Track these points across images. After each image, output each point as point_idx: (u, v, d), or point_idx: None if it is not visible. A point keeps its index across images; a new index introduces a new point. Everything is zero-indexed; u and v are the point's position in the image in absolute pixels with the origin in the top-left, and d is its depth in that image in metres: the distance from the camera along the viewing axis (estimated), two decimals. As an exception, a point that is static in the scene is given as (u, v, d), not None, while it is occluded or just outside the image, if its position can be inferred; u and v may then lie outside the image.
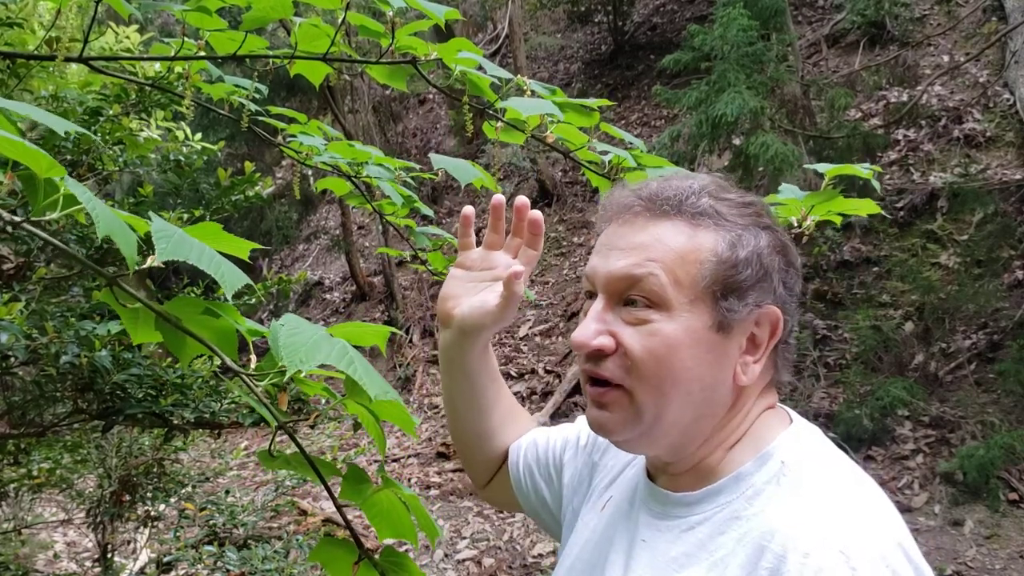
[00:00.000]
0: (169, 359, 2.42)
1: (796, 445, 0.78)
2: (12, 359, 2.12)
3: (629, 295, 0.77)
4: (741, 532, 0.73)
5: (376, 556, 0.76)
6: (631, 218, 0.80)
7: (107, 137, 2.45)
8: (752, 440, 0.80)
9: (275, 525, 4.47)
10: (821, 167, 0.93)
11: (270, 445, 0.70)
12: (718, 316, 0.76)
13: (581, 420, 1.07)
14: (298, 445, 0.70)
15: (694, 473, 0.81)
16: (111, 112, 2.49)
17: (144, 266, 0.59)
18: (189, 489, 3.66)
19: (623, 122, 9.92)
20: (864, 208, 0.90)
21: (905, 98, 7.39)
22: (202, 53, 1.15)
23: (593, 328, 0.78)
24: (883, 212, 0.93)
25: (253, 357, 0.69)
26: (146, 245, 0.60)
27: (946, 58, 7.76)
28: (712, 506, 0.77)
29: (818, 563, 0.65)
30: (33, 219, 0.61)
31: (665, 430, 0.78)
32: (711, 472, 0.80)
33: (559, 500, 1.04)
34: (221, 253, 0.65)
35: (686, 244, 0.77)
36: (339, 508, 0.73)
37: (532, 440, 1.10)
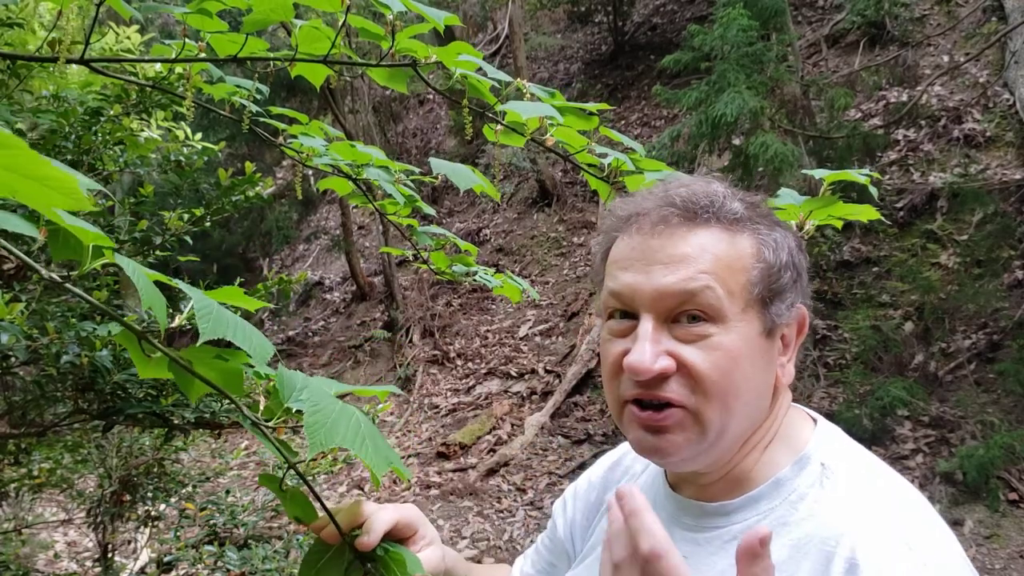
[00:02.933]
0: (169, 359, 2.42)
1: (830, 447, 0.78)
2: (12, 359, 2.12)
3: (684, 310, 0.73)
4: (795, 538, 0.72)
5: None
6: (665, 228, 0.76)
7: (107, 137, 2.45)
8: (783, 441, 0.80)
9: (275, 525, 4.47)
10: (819, 172, 0.93)
11: (280, 482, 0.72)
12: (767, 322, 0.75)
13: (559, 503, 1.07)
14: (309, 486, 0.72)
15: (728, 480, 0.79)
16: (111, 112, 2.49)
17: (172, 325, 0.66)
18: (189, 489, 3.66)
19: (623, 122, 9.92)
20: (864, 213, 0.91)
21: (905, 98, 7.39)
22: (203, 55, 1.16)
23: (652, 351, 0.73)
24: (882, 218, 0.94)
25: (263, 399, 0.71)
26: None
27: (946, 58, 7.76)
28: (753, 513, 0.76)
29: (891, 560, 0.66)
30: (60, 274, 0.65)
31: (726, 444, 0.76)
32: (745, 478, 0.79)
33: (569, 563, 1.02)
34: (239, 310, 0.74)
35: (730, 252, 0.74)
36: (328, 511, 0.74)
37: (525, 558, 1.10)
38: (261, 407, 0.71)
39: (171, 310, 0.71)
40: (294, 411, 0.67)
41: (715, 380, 0.72)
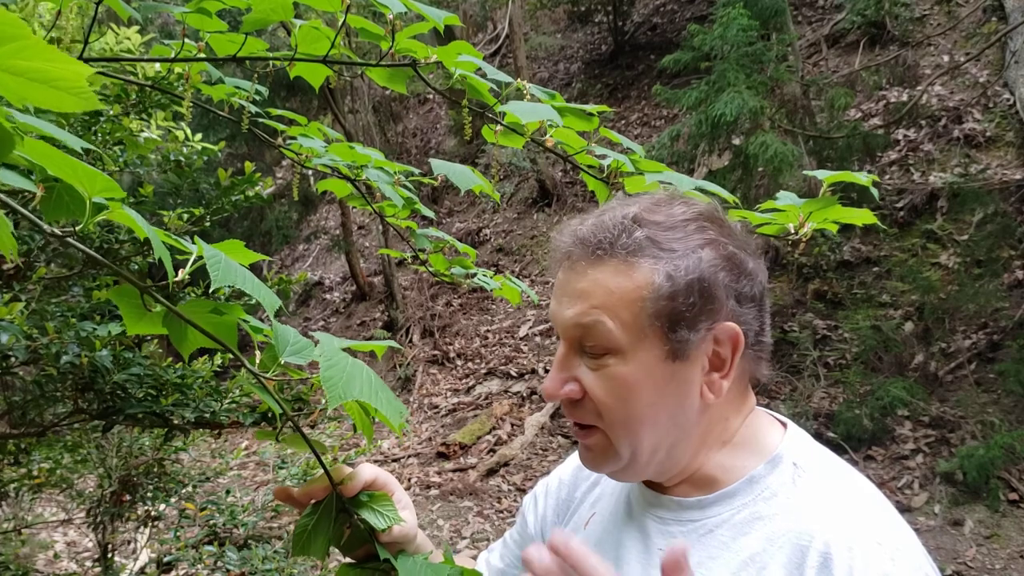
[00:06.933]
0: (170, 359, 2.42)
1: (800, 448, 0.82)
2: (12, 359, 2.12)
3: (584, 343, 0.78)
4: (769, 533, 0.76)
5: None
6: (572, 264, 0.80)
7: (107, 137, 2.45)
8: (750, 443, 0.83)
9: (275, 525, 4.47)
10: (820, 173, 0.93)
11: (277, 434, 0.75)
12: (670, 347, 0.77)
13: (528, 498, 1.10)
14: (300, 432, 0.74)
15: (692, 482, 0.83)
16: (111, 112, 2.49)
17: (177, 278, 0.68)
18: (189, 489, 3.66)
19: (623, 122, 9.92)
20: (861, 218, 0.91)
21: (905, 98, 7.39)
22: (202, 55, 1.15)
23: (558, 378, 0.80)
24: (879, 223, 0.94)
25: (258, 353, 0.73)
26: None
27: (946, 58, 7.76)
28: (727, 509, 0.80)
29: (862, 554, 0.70)
30: (65, 230, 0.65)
31: (645, 461, 0.80)
32: (711, 478, 0.82)
33: None
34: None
35: (625, 285, 0.76)
36: (318, 457, 0.77)
37: (491, 551, 1.11)
38: (257, 361, 0.72)
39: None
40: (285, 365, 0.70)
41: (612, 408, 0.77)
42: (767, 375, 0.86)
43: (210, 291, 2.86)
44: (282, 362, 0.70)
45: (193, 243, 0.66)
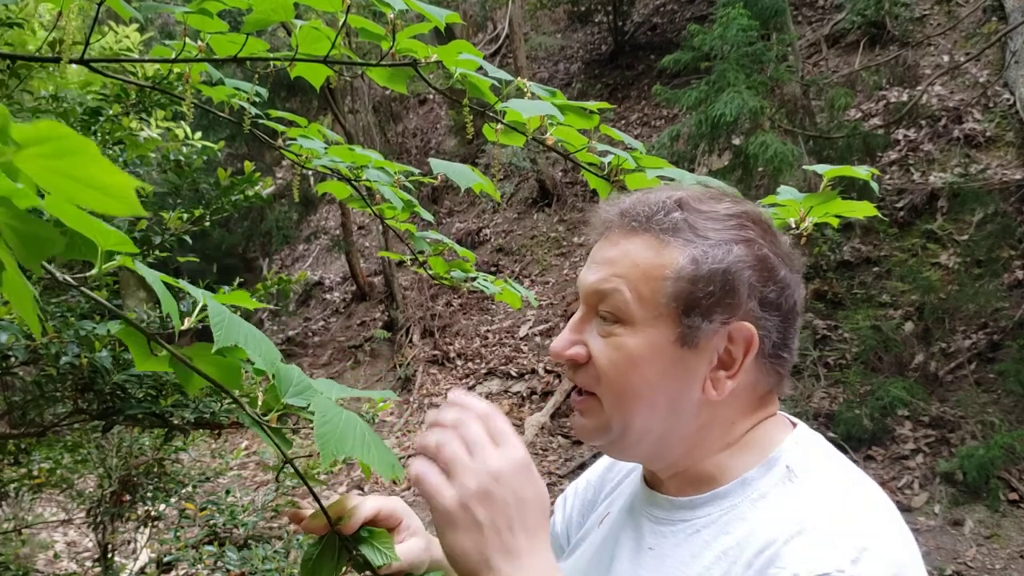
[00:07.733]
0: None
1: (799, 450, 0.80)
2: (12, 359, 2.12)
3: (599, 308, 0.80)
4: (745, 531, 0.75)
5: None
6: (608, 233, 0.83)
7: (107, 137, 2.45)
8: (754, 447, 0.81)
9: (275, 525, 4.47)
10: (820, 168, 0.93)
11: (277, 474, 0.76)
12: (682, 331, 0.77)
13: (560, 499, 1.10)
14: (304, 481, 0.77)
15: (687, 479, 0.82)
16: (111, 112, 2.49)
17: (184, 327, 0.71)
18: (189, 489, 3.66)
19: (623, 122, 9.92)
20: (862, 211, 0.91)
21: (905, 98, 7.39)
22: (203, 55, 1.15)
23: (568, 338, 0.81)
24: (880, 216, 0.94)
25: (261, 394, 0.74)
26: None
27: (946, 58, 7.76)
28: (717, 509, 0.79)
29: (810, 555, 0.67)
30: (77, 277, 0.67)
31: (634, 440, 0.81)
32: (708, 478, 0.81)
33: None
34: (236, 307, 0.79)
35: (652, 260, 0.78)
36: (317, 499, 0.78)
37: None
38: (259, 402, 0.73)
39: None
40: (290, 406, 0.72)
41: (611, 376, 0.78)
42: (787, 393, 0.85)
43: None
44: (284, 403, 0.70)
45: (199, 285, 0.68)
